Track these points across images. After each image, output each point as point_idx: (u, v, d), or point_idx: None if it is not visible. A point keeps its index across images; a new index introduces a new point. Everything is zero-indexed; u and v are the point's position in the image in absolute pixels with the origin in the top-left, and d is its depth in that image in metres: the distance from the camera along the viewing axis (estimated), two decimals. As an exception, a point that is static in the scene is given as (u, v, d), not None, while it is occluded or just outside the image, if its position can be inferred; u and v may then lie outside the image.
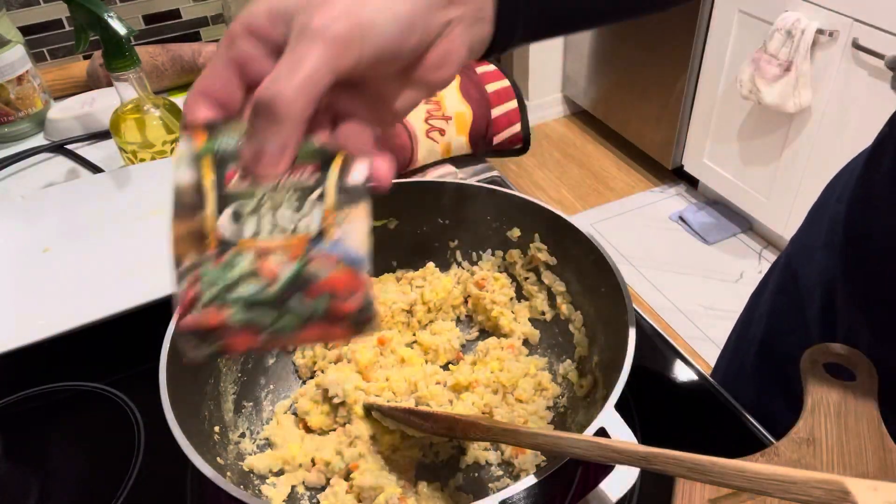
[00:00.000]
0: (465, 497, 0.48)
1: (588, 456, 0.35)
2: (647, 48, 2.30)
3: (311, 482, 0.50)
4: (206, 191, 0.31)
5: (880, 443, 0.47)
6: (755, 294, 0.72)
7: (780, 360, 0.63)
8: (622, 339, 0.44)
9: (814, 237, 0.62)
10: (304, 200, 0.31)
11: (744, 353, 0.70)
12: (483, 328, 0.62)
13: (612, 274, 0.49)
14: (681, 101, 2.21)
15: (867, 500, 0.26)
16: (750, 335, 0.70)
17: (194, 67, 1.08)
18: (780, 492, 0.28)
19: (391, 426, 0.50)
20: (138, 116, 0.79)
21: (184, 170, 0.32)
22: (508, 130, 0.84)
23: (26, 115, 0.98)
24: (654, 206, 2.38)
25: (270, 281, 0.30)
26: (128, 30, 0.71)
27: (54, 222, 0.78)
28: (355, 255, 0.31)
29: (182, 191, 0.32)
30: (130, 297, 0.62)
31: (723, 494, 0.45)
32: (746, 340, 0.70)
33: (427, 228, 0.62)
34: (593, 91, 2.70)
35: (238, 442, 0.51)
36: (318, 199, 0.31)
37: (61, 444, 0.58)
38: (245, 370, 0.55)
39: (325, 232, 0.30)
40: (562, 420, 0.53)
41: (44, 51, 1.44)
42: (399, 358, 0.57)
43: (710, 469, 0.31)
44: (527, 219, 0.57)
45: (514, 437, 0.39)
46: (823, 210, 0.63)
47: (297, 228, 0.30)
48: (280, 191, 0.31)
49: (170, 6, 1.50)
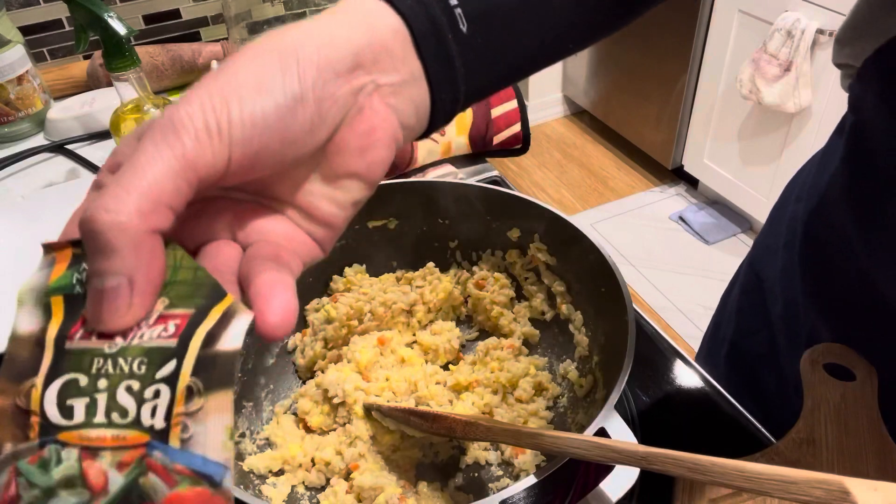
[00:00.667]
0: (465, 497, 0.48)
1: (588, 456, 0.35)
2: (647, 48, 2.30)
3: (311, 482, 0.50)
4: (46, 347, 0.23)
5: (880, 443, 0.47)
6: (725, 294, 0.73)
7: (749, 360, 0.64)
8: (622, 340, 0.44)
9: (775, 237, 0.62)
10: (156, 371, 0.22)
11: (715, 355, 0.70)
12: (483, 328, 0.62)
13: (612, 274, 0.49)
14: (681, 101, 2.21)
15: (867, 500, 0.26)
16: (720, 335, 0.70)
17: (194, 67, 1.08)
18: (780, 492, 0.28)
19: (391, 426, 0.50)
20: (138, 116, 0.79)
21: (27, 312, 0.23)
22: (508, 130, 0.84)
23: (26, 115, 0.98)
24: (654, 206, 2.38)
25: (95, 495, 0.22)
26: (128, 30, 0.71)
27: (54, 222, 0.77)
28: (209, 467, 0.21)
29: (17, 343, 0.23)
30: (130, 297, 0.62)
31: (723, 494, 0.45)
32: (718, 341, 0.70)
33: (427, 228, 0.62)
34: (593, 91, 2.70)
35: (238, 442, 0.51)
36: (173, 375, 0.22)
37: (61, 444, 0.58)
38: (245, 370, 0.55)
39: (169, 429, 0.22)
40: (562, 420, 0.53)
41: (44, 51, 1.44)
42: (399, 358, 0.57)
43: (710, 469, 0.31)
44: (527, 219, 0.57)
45: (514, 437, 0.39)
46: (784, 210, 0.61)
47: (140, 417, 0.22)
48: (129, 353, 0.22)
49: (170, 6, 1.50)
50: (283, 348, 0.60)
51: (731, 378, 0.65)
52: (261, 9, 1.01)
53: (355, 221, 0.61)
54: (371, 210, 0.61)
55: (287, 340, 0.60)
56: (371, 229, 0.62)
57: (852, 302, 0.51)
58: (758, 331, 0.63)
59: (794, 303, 0.58)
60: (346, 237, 0.61)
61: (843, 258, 0.50)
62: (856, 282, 0.49)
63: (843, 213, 0.49)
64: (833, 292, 0.53)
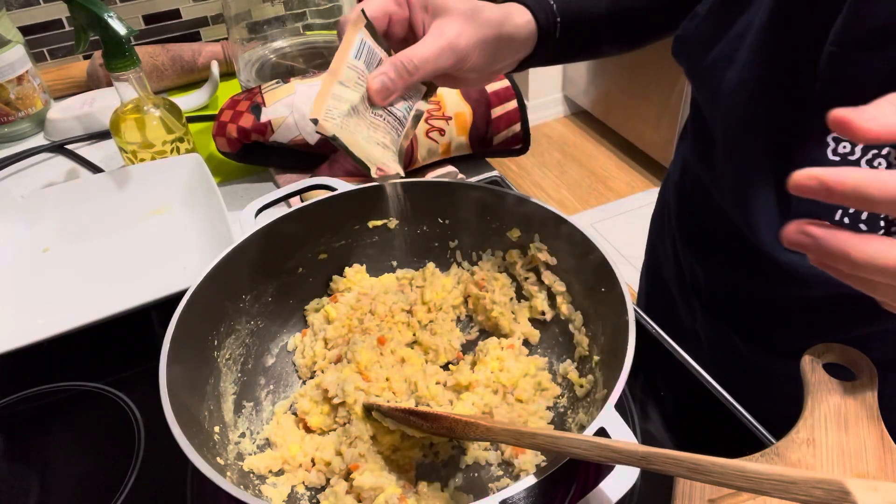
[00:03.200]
0: (465, 497, 0.48)
1: (588, 456, 0.35)
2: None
3: (311, 482, 0.50)
4: (357, 49, 0.48)
5: (880, 443, 0.47)
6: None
7: (662, 286, 0.78)
8: (622, 340, 0.44)
9: (673, 171, 0.75)
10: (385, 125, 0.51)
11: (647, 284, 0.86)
12: (483, 328, 0.62)
13: (612, 274, 0.49)
14: (681, 101, 2.21)
15: (867, 500, 0.26)
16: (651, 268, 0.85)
17: (194, 67, 1.08)
18: (780, 492, 0.28)
19: (391, 426, 0.50)
20: (138, 116, 0.79)
21: (358, 32, 0.48)
22: (508, 130, 0.84)
23: (26, 115, 0.98)
24: (654, 205, 2.38)
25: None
26: (128, 30, 0.71)
27: (54, 222, 0.78)
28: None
29: (358, 40, 0.48)
30: (130, 297, 0.62)
31: (723, 494, 0.45)
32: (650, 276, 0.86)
33: (427, 228, 0.62)
34: (593, 91, 2.70)
35: (238, 442, 0.51)
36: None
37: (61, 444, 0.58)
38: (245, 370, 0.55)
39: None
40: (562, 420, 0.53)
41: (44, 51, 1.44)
42: (399, 358, 0.57)
43: (710, 469, 0.31)
44: (527, 219, 0.57)
45: (514, 437, 0.39)
46: (665, 186, 0.78)
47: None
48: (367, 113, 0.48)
49: (170, 6, 1.50)
50: (283, 348, 0.60)
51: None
52: (261, 9, 1.01)
53: (355, 221, 0.61)
54: (371, 210, 0.61)
55: (287, 340, 0.60)
56: (371, 229, 0.62)
57: (715, 235, 0.63)
58: (658, 289, 0.79)
59: (677, 255, 0.72)
60: (346, 237, 0.61)
61: (701, 200, 0.64)
62: (712, 215, 0.61)
63: (695, 162, 0.64)
64: (699, 231, 0.67)
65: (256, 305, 0.57)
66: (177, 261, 0.73)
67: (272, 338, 0.59)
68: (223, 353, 0.53)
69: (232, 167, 0.89)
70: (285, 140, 0.80)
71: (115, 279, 0.72)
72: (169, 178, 0.79)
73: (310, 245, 0.60)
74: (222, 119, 0.82)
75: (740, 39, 0.49)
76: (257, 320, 0.57)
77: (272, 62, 1.03)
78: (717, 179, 0.58)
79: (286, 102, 0.80)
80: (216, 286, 0.51)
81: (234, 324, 0.55)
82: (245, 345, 0.56)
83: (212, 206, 0.73)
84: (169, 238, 0.76)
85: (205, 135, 0.95)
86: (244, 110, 0.81)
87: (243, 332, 0.56)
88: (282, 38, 1.05)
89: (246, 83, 1.01)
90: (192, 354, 0.49)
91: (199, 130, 0.98)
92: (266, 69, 1.02)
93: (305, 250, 0.60)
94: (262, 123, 0.80)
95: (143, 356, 0.56)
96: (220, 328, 0.53)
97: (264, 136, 0.80)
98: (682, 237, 0.70)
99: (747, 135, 0.51)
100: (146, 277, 0.71)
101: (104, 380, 0.62)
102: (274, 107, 0.80)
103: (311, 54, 1.05)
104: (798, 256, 0.50)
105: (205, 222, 0.75)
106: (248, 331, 0.56)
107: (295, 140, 0.80)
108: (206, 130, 0.97)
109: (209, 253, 0.68)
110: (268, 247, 0.56)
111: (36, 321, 0.66)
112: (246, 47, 1.02)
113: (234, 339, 0.55)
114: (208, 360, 0.51)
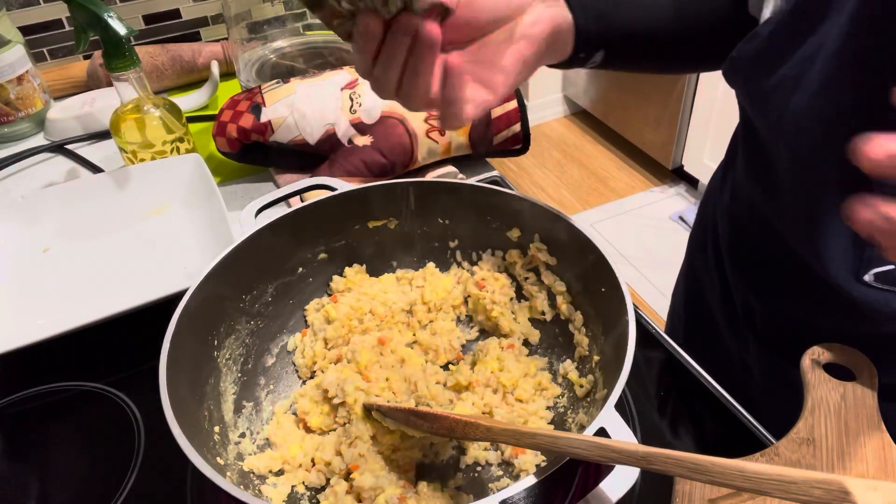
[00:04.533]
0: (465, 497, 0.48)
1: (588, 456, 0.35)
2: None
3: (311, 482, 0.50)
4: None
5: (880, 443, 0.47)
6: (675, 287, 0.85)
7: (706, 315, 0.73)
8: (622, 340, 0.44)
9: (703, 230, 0.74)
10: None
11: (676, 307, 0.81)
12: (483, 328, 0.62)
13: (612, 274, 0.49)
14: (681, 101, 2.21)
15: (867, 500, 0.26)
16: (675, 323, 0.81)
17: (194, 67, 1.08)
18: (780, 492, 0.28)
19: (391, 426, 0.50)
20: (138, 116, 0.79)
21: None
22: (508, 130, 0.84)
23: (26, 115, 0.98)
24: (654, 206, 2.38)
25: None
26: (128, 30, 0.71)
27: (54, 222, 0.78)
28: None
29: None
30: (130, 297, 0.62)
31: (723, 494, 0.45)
32: (675, 326, 0.81)
33: (427, 228, 0.62)
34: (593, 91, 2.70)
35: (238, 442, 0.51)
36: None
37: (61, 444, 0.58)
38: (245, 370, 0.55)
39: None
40: (562, 420, 0.53)
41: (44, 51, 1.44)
42: (399, 358, 0.57)
43: (710, 469, 0.31)
44: (527, 219, 0.57)
45: (514, 437, 0.39)
46: (707, 205, 0.74)
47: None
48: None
49: (170, 6, 1.50)
50: (283, 348, 0.60)
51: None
52: (261, 9, 1.01)
53: (355, 221, 0.61)
54: (371, 210, 0.61)
55: (287, 340, 0.60)
56: (371, 229, 0.62)
57: (770, 265, 0.60)
58: (701, 318, 0.74)
59: (726, 283, 0.68)
60: (346, 237, 0.61)
61: (759, 228, 0.60)
62: (772, 245, 0.58)
63: (752, 189, 0.59)
64: (756, 261, 0.63)
65: (256, 305, 0.57)
66: (177, 261, 0.73)
67: (272, 338, 0.59)
68: (223, 353, 0.53)
69: (232, 167, 0.89)
70: (285, 140, 0.80)
71: (115, 279, 0.72)
72: (169, 178, 0.79)
73: (310, 245, 0.60)
74: (222, 119, 0.82)
75: (809, 62, 0.46)
76: (257, 320, 0.57)
77: (272, 62, 1.03)
78: (782, 209, 0.54)
79: (286, 102, 0.80)
80: (216, 286, 0.51)
81: (234, 324, 0.55)
82: (245, 345, 0.56)
83: (212, 206, 0.73)
84: (169, 238, 0.76)
85: (205, 135, 0.95)
86: (244, 110, 0.81)
87: (243, 332, 0.56)
88: (282, 38, 1.05)
89: (246, 83, 1.01)
90: (192, 354, 0.49)
91: (199, 130, 0.98)
92: (266, 69, 1.02)
93: (305, 250, 0.60)
94: (262, 123, 0.80)
95: (143, 356, 0.56)
96: (220, 328, 0.53)
97: (264, 136, 0.80)
98: (734, 267, 0.66)
99: (820, 164, 0.47)
100: (146, 277, 0.71)
101: (104, 380, 0.62)
102: (274, 107, 0.80)
103: (311, 54, 1.05)
104: (874, 293, 0.48)
105: (205, 222, 0.75)
106: (248, 331, 0.56)
107: (295, 140, 0.80)
108: (206, 130, 0.97)
109: (209, 253, 0.68)
110: (268, 247, 0.56)
111: (36, 321, 0.66)
112: (246, 47, 1.02)
113: (234, 339, 0.55)
114: (208, 360, 0.51)
